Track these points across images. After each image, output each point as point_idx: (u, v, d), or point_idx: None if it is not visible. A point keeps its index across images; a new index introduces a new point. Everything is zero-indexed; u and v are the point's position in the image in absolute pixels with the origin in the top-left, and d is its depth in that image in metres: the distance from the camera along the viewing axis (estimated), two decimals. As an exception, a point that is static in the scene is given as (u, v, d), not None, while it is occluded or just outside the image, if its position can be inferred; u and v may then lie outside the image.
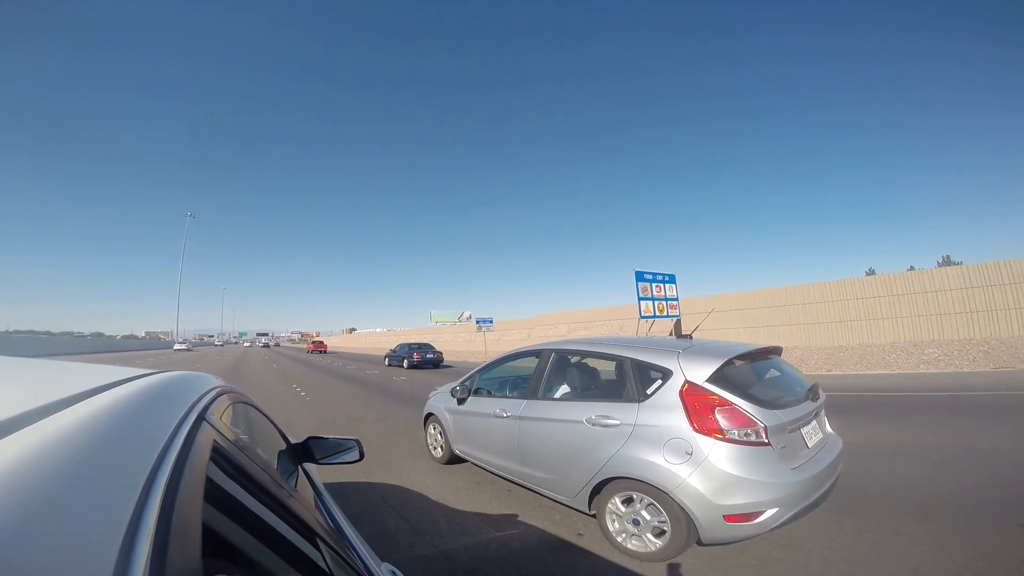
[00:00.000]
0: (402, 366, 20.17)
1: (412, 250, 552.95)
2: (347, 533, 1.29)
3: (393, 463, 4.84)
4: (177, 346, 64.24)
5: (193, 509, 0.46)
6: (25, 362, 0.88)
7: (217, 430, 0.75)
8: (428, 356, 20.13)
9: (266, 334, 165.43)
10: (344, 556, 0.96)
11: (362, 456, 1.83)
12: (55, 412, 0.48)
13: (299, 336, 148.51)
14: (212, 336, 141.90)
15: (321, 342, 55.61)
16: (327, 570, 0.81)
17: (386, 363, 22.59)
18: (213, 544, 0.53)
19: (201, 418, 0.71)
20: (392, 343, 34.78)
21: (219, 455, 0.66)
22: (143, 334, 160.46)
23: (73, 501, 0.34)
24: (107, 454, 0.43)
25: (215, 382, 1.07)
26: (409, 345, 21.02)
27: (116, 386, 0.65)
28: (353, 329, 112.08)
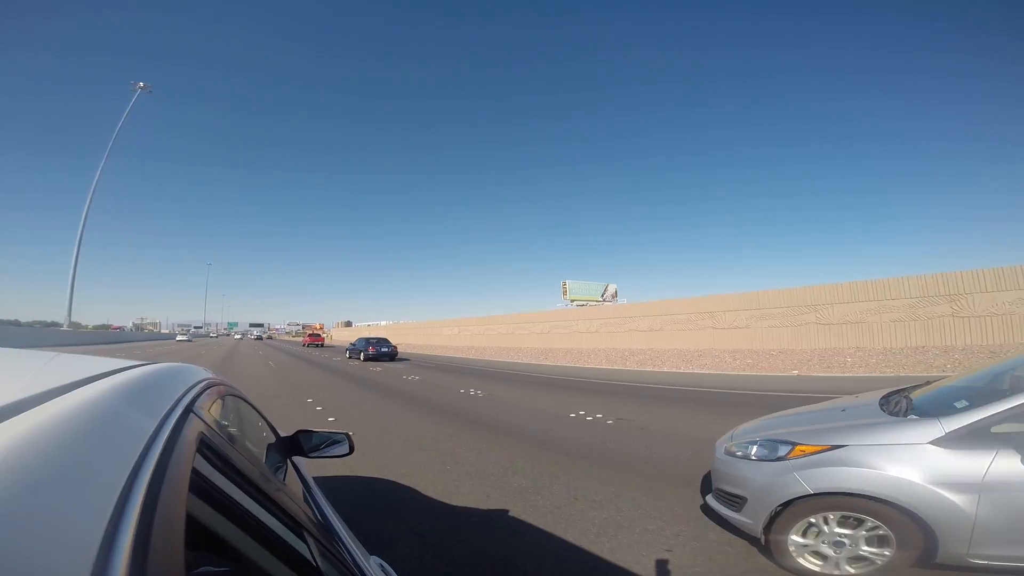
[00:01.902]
0: (359, 359, 21.85)
1: (426, 238, 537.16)
2: (335, 527, 1.30)
3: None
4: (179, 337, 68.17)
5: (178, 501, 0.46)
6: (6, 352, 0.85)
7: (205, 422, 0.74)
8: (383, 350, 21.84)
9: (260, 325, 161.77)
10: (331, 549, 0.98)
11: (352, 450, 1.80)
12: (40, 403, 0.47)
13: (300, 327, 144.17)
14: (200, 327, 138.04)
15: (318, 335, 52.21)
16: (313, 562, 0.82)
17: (347, 356, 24.42)
18: (200, 536, 0.54)
19: (189, 410, 0.70)
20: (397, 336, 34.61)
21: (206, 447, 0.66)
22: (130, 325, 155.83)
23: (55, 492, 0.35)
24: (91, 445, 0.43)
25: (204, 374, 1.05)
26: (367, 340, 22.84)
27: (103, 377, 0.64)
28: (349, 322, 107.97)
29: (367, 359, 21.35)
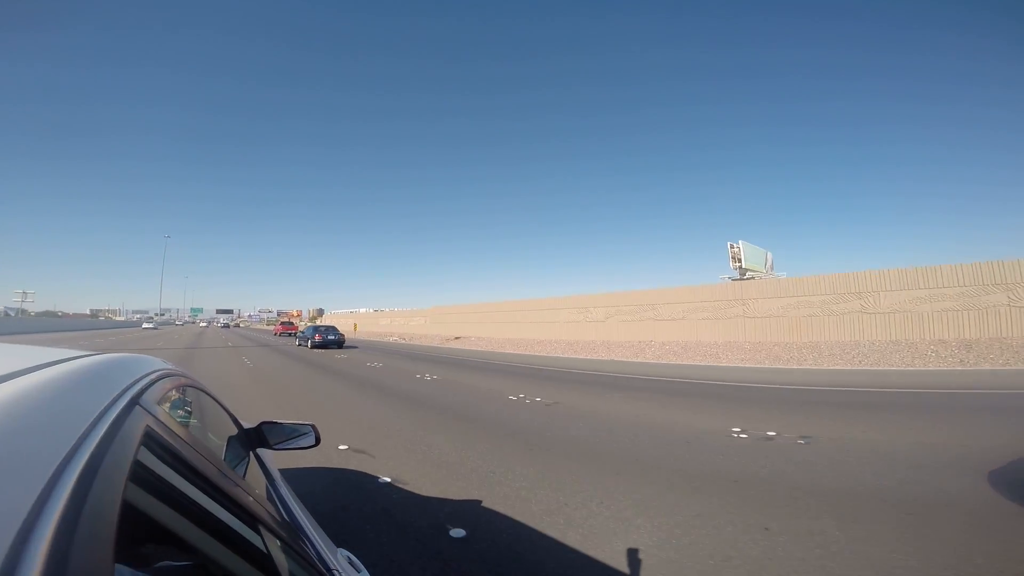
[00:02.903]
0: (306, 346, 22.77)
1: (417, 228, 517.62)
2: (300, 520, 1.29)
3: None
4: (145, 325, 67.87)
5: (112, 495, 0.44)
6: None
7: (153, 415, 0.70)
8: (330, 337, 22.43)
9: (229, 312, 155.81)
10: (293, 544, 0.96)
11: (318, 441, 1.72)
12: None
13: (275, 315, 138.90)
14: (161, 314, 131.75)
15: (291, 323, 50.64)
16: (271, 557, 0.82)
17: (296, 343, 25.51)
18: (157, 531, 0.54)
19: (134, 402, 0.67)
20: (386, 324, 34.08)
21: (153, 441, 0.63)
22: (87, 311, 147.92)
23: None
24: (18, 438, 0.43)
25: (157, 365, 0.98)
26: (315, 327, 23.71)
27: (40, 369, 0.62)
28: (321, 311, 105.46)
29: (314, 346, 22.04)
